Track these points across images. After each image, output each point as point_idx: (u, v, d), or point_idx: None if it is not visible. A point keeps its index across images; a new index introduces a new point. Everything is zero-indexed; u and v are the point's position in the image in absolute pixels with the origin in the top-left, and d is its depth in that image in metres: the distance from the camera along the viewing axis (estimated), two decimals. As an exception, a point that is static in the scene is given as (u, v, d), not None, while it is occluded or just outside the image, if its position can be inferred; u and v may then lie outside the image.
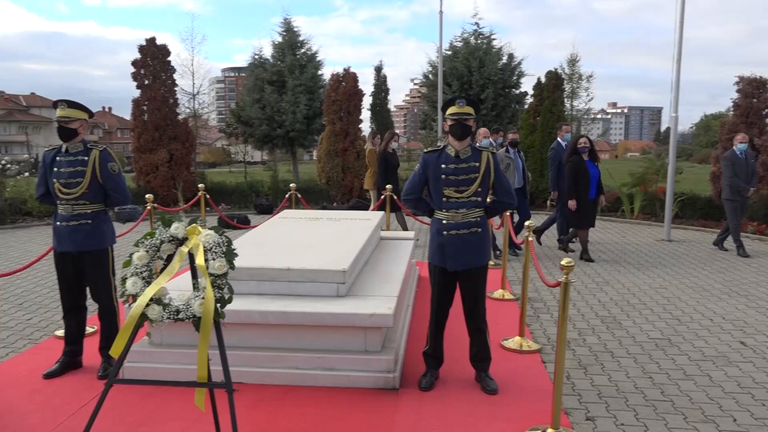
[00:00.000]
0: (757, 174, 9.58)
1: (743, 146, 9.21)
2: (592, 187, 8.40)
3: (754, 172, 9.41)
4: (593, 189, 8.44)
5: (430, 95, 23.32)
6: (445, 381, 4.35)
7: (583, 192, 8.35)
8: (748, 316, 6.13)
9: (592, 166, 8.46)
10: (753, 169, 9.37)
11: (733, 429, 3.76)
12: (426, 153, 4.24)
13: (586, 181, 8.32)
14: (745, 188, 9.14)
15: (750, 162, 9.30)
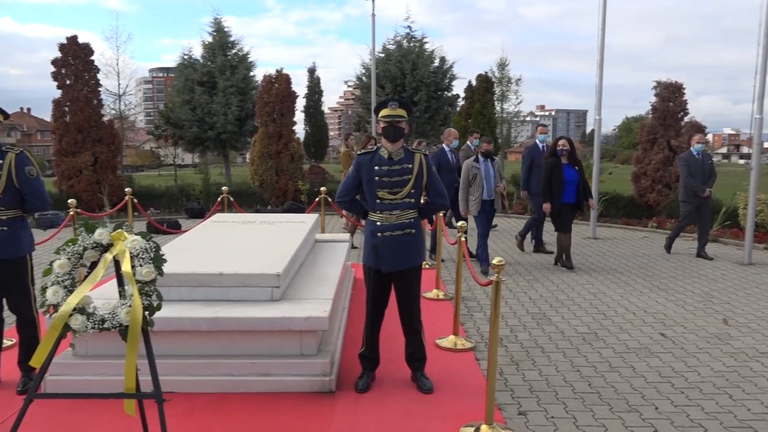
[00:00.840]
0: (715, 175, 9.19)
1: (700, 146, 9.07)
2: (568, 191, 8.00)
3: (712, 173, 9.09)
4: (570, 193, 8.02)
5: (363, 97, 23.41)
6: (382, 382, 4.36)
7: (556, 196, 7.96)
8: (667, 309, 6.45)
9: (570, 170, 8.03)
10: (710, 169, 9.08)
11: (654, 417, 3.94)
12: (359, 155, 4.25)
13: (560, 185, 7.94)
14: (701, 189, 8.89)
15: (707, 163, 9.05)
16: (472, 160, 7.82)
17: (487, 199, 7.82)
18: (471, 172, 7.73)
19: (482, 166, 7.78)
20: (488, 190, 7.82)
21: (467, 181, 7.77)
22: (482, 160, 7.83)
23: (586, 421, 3.87)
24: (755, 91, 8.92)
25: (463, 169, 7.87)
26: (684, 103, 13.50)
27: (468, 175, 7.77)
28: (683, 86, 13.50)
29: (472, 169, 7.74)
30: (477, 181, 7.71)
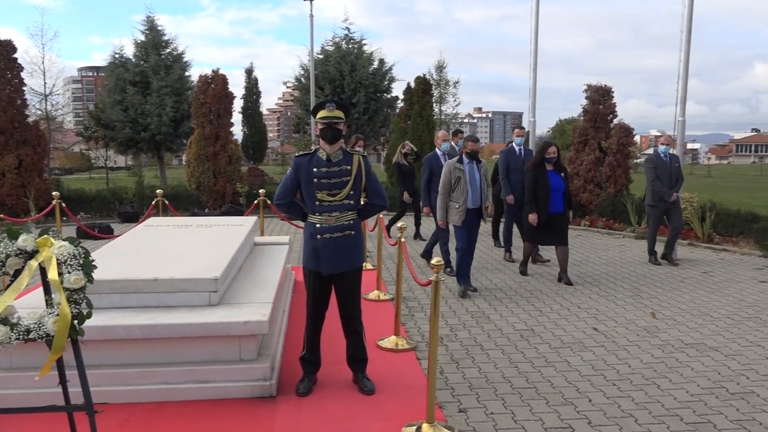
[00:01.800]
0: (682, 178, 8.75)
1: (666, 148, 8.68)
2: (555, 199, 7.44)
3: (679, 176, 8.68)
4: (557, 201, 7.46)
5: (302, 98, 23.26)
6: (323, 384, 4.34)
7: (541, 205, 7.39)
8: (599, 304, 6.69)
9: (556, 178, 7.46)
10: (677, 172, 8.66)
11: (589, 409, 4.08)
12: (297, 156, 4.22)
13: (545, 194, 7.36)
14: (668, 193, 8.47)
15: (674, 165, 8.62)
16: (455, 161, 6.89)
17: (472, 208, 6.82)
18: (453, 174, 6.77)
19: (467, 168, 6.79)
20: (473, 197, 6.80)
21: (448, 185, 6.80)
22: (467, 162, 6.85)
23: (524, 415, 3.97)
24: (678, 95, 9.39)
25: (443, 171, 6.91)
26: (613, 106, 14.02)
27: (450, 178, 6.79)
28: (612, 90, 14.01)
29: (455, 171, 6.78)
30: (460, 186, 6.74)
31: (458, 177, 6.74)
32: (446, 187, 6.83)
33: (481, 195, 6.86)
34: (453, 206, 6.79)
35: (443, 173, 6.88)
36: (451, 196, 6.81)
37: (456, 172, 6.78)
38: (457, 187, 6.74)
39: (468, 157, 6.88)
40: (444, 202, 6.90)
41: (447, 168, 6.88)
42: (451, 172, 6.80)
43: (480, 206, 6.88)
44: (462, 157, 6.88)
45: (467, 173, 6.78)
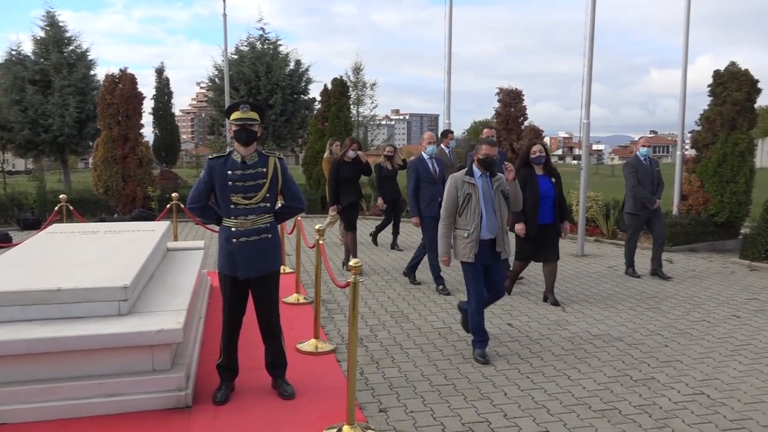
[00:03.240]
0: (663, 183, 8.09)
1: (646, 150, 8.11)
2: (544, 208, 6.43)
3: (660, 180, 8.01)
4: (546, 211, 6.44)
5: (217, 99, 22.69)
6: (242, 392, 4.26)
7: (530, 214, 6.38)
8: (513, 300, 6.92)
9: (546, 182, 6.47)
10: (658, 177, 8.00)
11: (503, 402, 4.21)
12: (211, 159, 4.11)
13: (534, 201, 6.36)
14: (650, 200, 7.83)
15: (654, 169, 7.97)
16: (463, 174, 5.08)
17: (488, 239, 5.00)
18: (461, 191, 5.00)
19: (480, 182, 5.01)
20: (489, 223, 4.97)
21: (454, 206, 5.03)
22: (479, 174, 5.04)
23: (442, 412, 4.04)
24: (583, 99, 9.85)
25: (447, 188, 5.11)
26: (524, 109, 14.58)
27: (455, 197, 5.01)
28: (522, 93, 14.58)
29: (463, 186, 5.00)
30: (470, 208, 4.96)
31: (468, 195, 4.97)
32: (450, 210, 5.04)
33: (500, 221, 5.03)
34: (460, 235, 5.01)
35: (446, 191, 5.09)
36: (458, 221, 5.04)
37: (465, 189, 4.99)
38: (467, 210, 4.97)
39: (481, 168, 5.04)
40: (447, 231, 5.09)
41: (452, 184, 5.06)
42: (457, 188, 5.01)
43: (499, 234, 5.02)
44: (472, 168, 5.09)
45: (480, 190, 4.98)
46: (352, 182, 8.23)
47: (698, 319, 6.21)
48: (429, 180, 7.22)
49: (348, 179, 8.16)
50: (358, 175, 8.31)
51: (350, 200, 8.13)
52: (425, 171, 7.24)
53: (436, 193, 7.04)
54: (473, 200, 4.98)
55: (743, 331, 5.84)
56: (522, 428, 3.83)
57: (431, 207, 7.11)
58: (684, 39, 10.98)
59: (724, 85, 10.30)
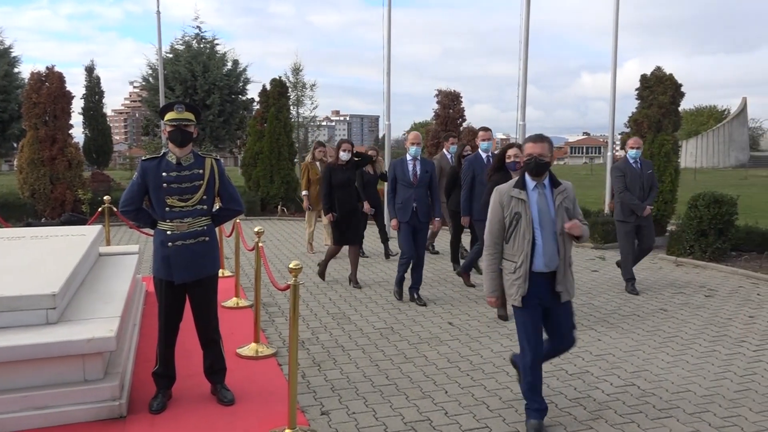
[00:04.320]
0: (656, 187, 7.56)
1: (636, 152, 7.31)
2: None
3: (653, 185, 7.41)
4: None
5: (151, 99, 22.09)
6: (179, 399, 4.15)
7: None
8: (453, 299, 7.01)
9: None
10: (651, 181, 7.37)
11: (445, 400, 4.26)
12: (144, 161, 3.99)
13: None
14: (639, 206, 7.16)
15: (646, 172, 7.32)
16: (511, 186, 3.81)
17: (543, 272, 3.75)
18: (509, 209, 3.76)
19: (533, 197, 3.75)
20: (547, 253, 3.73)
21: (500, 231, 3.81)
22: (533, 186, 3.77)
23: (384, 412, 4.06)
24: (518, 101, 10.11)
25: (490, 205, 3.87)
26: (462, 110, 14.85)
27: (500, 217, 3.79)
28: (460, 95, 14.83)
29: (512, 204, 3.76)
30: (519, 232, 3.73)
31: (516, 215, 3.73)
32: (496, 235, 3.82)
33: (563, 249, 3.77)
34: (507, 269, 3.81)
35: (490, 209, 3.87)
36: (505, 250, 3.82)
37: (513, 206, 3.75)
38: (515, 235, 3.73)
39: (532, 175, 3.76)
40: (494, 263, 3.87)
41: (496, 200, 3.83)
42: (502, 206, 3.77)
43: (560, 268, 3.77)
44: (524, 178, 3.79)
45: (533, 207, 3.73)
46: (346, 187, 7.42)
47: (629, 314, 6.46)
48: (406, 183, 6.75)
49: (341, 184, 7.39)
50: (353, 179, 7.57)
51: (347, 208, 7.36)
52: (402, 172, 6.78)
53: (410, 197, 6.68)
54: (523, 222, 3.70)
55: (670, 323, 6.12)
56: (463, 425, 3.89)
57: (403, 212, 6.71)
58: (613, 44, 11.42)
59: (651, 89, 10.77)
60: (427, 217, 6.81)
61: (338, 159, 7.53)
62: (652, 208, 7.37)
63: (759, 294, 7.32)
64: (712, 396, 4.37)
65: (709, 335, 5.73)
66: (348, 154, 7.47)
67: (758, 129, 64.48)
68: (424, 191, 6.74)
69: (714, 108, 66.85)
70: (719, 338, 5.65)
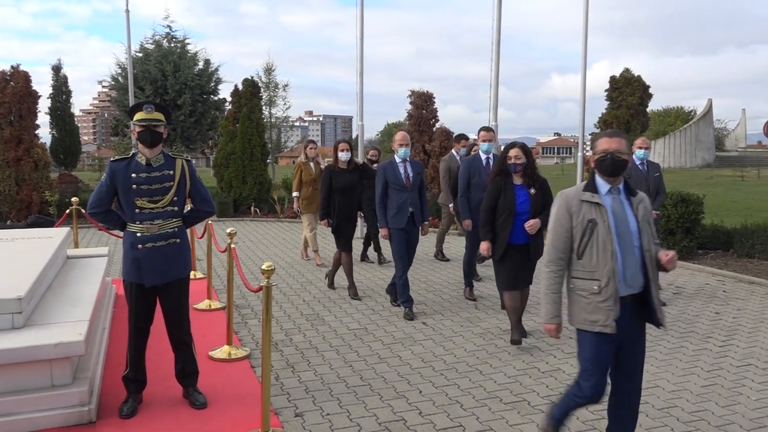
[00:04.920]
0: (663, 191, 6.96)
1: (643, 153, 6.78)
2: (518, 225, 5.22)
3: (660, 189, 6.81)
4: (518, 230, 5.23)
5: (121, 99, 21.74)
6: (150, 403, 4.09)
7: (501, 230, 5.27)
8: (427, 299, 7.04)
9: (523, 195, 5.25)
10: (657, 184, 6.76)
11: (419, 400, 4.28)
12: (113, 162, 3.93)
13: (507, 215, 5.22)
14: None
15: (653, 175, 6.75)
16: (580, 191, 3.20)
17: (632, 294, 3.14)
18: (579, 218, 3.14)
19: (609, 203, 3.13)
20: (629, 271, 3.10)
21: (565, 243, 3.19)
22: (606, 190, 3.16)
23: (359, 413, 4.05)
24: (490, 102, 10.18)
25: (554, 213, 3.26)
26: (435, 111, 14.88)
27: (567, 227, 3.18)
28: (434, 95, 14.87)
29: (583, 211, 3.14)
30: (598, 244, 3.08)
31: (590, 224, 3.09)
32: (560, 249, 3.20)
33: (651, 267, 3.13)
34: (581, 289, 3.15)
35: (553, 217, 3.24)
36: (575, 267, 3.18)
37: (584, 214, 3.12)
38: (591, 248, 3.10)
39: (606, 175, 3.13)
40: (556, 282, 3.25)
41: (561, 206, 3.20)
42: (570, 213, 3.15)
43: (647, 288, 3.14)
44: (595, 181, 3.17)
45: (611, 215, 3.09)
46: (347, 192, 6.96)
47: (599, 312, 6.55)
48: (398, 186, 6.27)
49: (342, 189, 6.92)
50: (355, 184, 7.07)
51: (345, 214, 6.95)
52: (394, 176, 6.30)
53: (406, 202, 6.24)
54: (601, 231, 3.06)
55: (639, 321, 6.21)
56: (437, 424, 3.90)
57: (399, 218, 6.26)
58: (583, 46, 11.58)
59: (620, 90, 10.99)
60: (420, 221, 6.49)
61: (337, 161, 7.08)
62: (658, 214, 6.64)
63: (724, 291, 7.49)
64: (679, 391, 4.46)
65: (677, 332, 5.85)
66: (347, 154, 7.04)
67: (723, 130, 65.95)
68: (416, 194, 6.40)
69: (681, 109, 68.21)
70: (686, 335, 5.77)
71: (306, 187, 8.83)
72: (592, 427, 3.90)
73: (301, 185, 8.84)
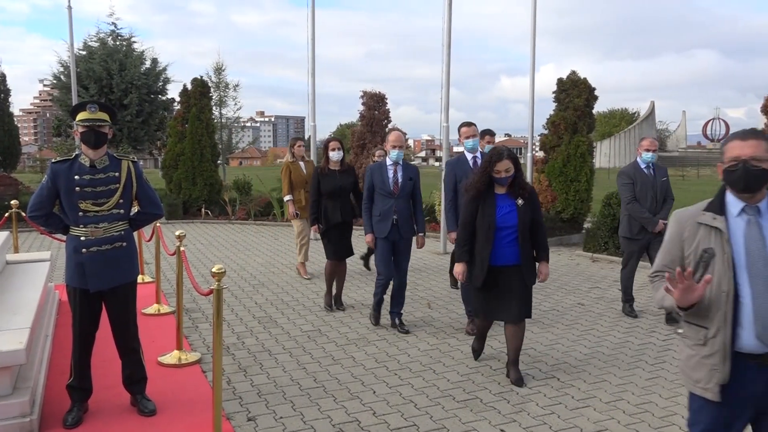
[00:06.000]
0: (672, 198, 6.22)
1: (650, 156, 6.08)
2: (502, 243, 4.43)
3: (668, 195, 6.16)
4: (507, 248, 4.44)
5: (63, 98, 21.04)
6: (97, 412, 3.97)
7: (481, 250, 4.48)
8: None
9: (508, 207, 4.45)
10: (665, 190, 6.14)
11: (373, 400, 4.28)
12: (54, 163, 3.80)
13: (486, 232, 4.43)
14: (650, 221, 5.97)
15: (660, 180, 6.11)
16: (699, 210, 2.45)
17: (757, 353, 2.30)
18: (693, 245, 2.41)
19: (736, 226, 2.37)
20: (761, 318, 2.27)
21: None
22: (738, 210, 2.38)
23: (312, 415, 4.03)
24: (442, 103, 10.28)
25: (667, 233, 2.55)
26: (387, 112, 14.94)
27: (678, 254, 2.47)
28: (385, 96, 14.92)
29: (699, 236, 2.40)
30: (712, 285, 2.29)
31: (706, 255, 2.27)
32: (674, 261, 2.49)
33: None
34: (689, 337, 2.49)
35: (667, 240, 2.55)
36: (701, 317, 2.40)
37: (702, 239, 2.40)
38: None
39: (738, 191, 2.37)
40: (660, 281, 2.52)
41: (674, 228, 2.52)
42: (682, 239, 2.47)
43: None
44: (725, 198, 2.43)
45: (738, 245, 2.35)
46: (338, 197, 6.43)
47: (549, 309, 6.70)
48: (385, 192, 5.70)
49: (331, 192, 6.41)
50: (348, 187, 6.55)
51: (335, 220, 6.42)
52: (381, 180, 5.71)
53: (390, 209, 5.67)
54: (718, 265, 2.33)
55: (587, 317, 6.39)
56: (391, 424, 3.92)
57: (382, 226, 5.70)
58: (531, 49, 11.81)
59: (567, 92, 11.23)
60: (410, 232, 5.81)
61: (328, 161, 6.55)
62: (665, 224, 5.46)
63: (667, 286, 7.76)
64: (625, 385, 4.60)
65: (623, 327, 6.03)
66: (339, 153, 6.53)
67: (665, 131, 68.36)
68: (405, 202, 5.77)
69: (625, 111, 70.36)
70: (632, 329, 5.95)
71: (297, 189, 7.95)
72: (511, 420, 3.98)
73: (293, 187, 7.96)
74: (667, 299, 2.36)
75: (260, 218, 14.06)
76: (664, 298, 2.39)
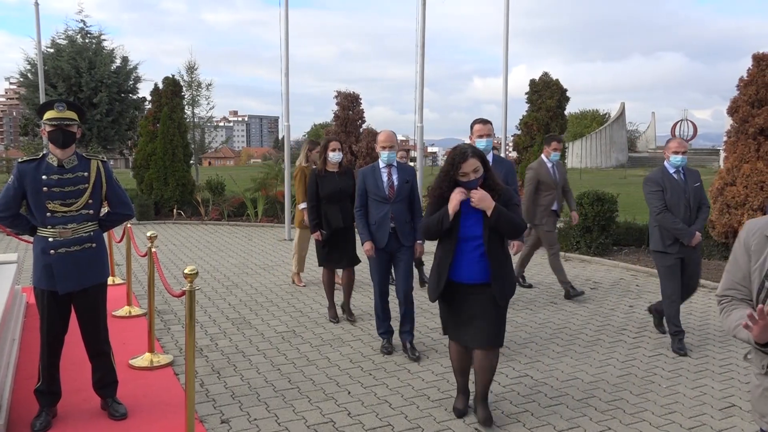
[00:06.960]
0: (707, 206, 5.49)
1: (680, 159, 5.32)
2: (465, 257, 3.80)
3: (702, 202, 5.42)
4: (470, 263, 3.80)
5: (31, 97, 20.57)
6: (65, 417, 3.89)
7: (440, 262, 3.89)
8: (356, 300, 7.01)
9: (473, 216, 3.78)
10: (698, 196, 5.38)
11: (348, 401, 4.27)
12: (21, 163, 3.72)
13: (448, 238, 3.85)
14: (686, 232, 5.22)
15: (692, 186, 5.35)
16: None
17: None
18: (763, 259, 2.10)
19: None
20: None
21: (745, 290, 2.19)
22: None
23: (287, 416, 4.01)
24: (416, 103, 10.31)
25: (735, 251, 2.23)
26: (361, 112, 14.94)
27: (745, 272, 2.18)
28: (360, 96, 14.92)
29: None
30: None
31: None
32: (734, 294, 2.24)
33: None
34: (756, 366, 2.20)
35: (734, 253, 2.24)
36: None
37: None
38: None
39: None
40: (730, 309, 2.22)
41: (741, 240, 2.22)
42: (749, 252, 2.16)
43: None
44: None
45: None
46: (338, 200, 6.00)
47: (522, 308, 6.76)
48: (379, 197, 5.17)
49: (330, 196, 5.99)
50: (348, 189, 6.08)
51: (338, 224, 6.00)
52: (374, 185, 5.19)
53: (386, 216, 5.14)
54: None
55: (560, 315, 6.46)
56: (365, 425, 3.91)
57: (380, 235, 5.17)
58: (504, 50, 11.91)
59: (539, 93, 11.37)
60: (410, 240, 5.23)
61: (326, 163, 6.12)
62: (700, 236, 5.28)
63: (637, 285, 7.90)
64: (597, 382, 4.66)
65: (595, 325, 6.11)
66: (339, 155, 6.09)
67: (635, 132, 69.45)
68: (403, 206, 5.20)
69: (596, 112, 71.29)
70: (603, 327, 6.04)
71: None
72: (429, 415, 4.01)
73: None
74: (741, 332, 2.04)
75: (233, 219, 13.96)
76: (738, 330, 2.07)
